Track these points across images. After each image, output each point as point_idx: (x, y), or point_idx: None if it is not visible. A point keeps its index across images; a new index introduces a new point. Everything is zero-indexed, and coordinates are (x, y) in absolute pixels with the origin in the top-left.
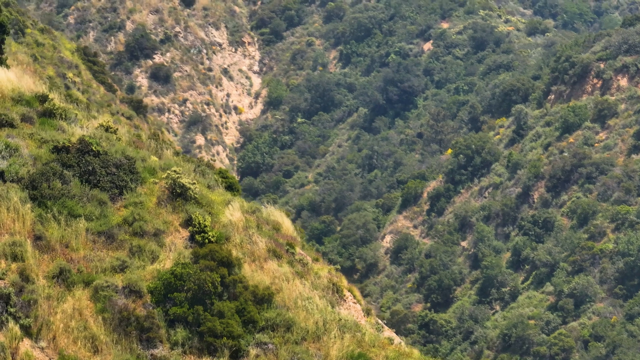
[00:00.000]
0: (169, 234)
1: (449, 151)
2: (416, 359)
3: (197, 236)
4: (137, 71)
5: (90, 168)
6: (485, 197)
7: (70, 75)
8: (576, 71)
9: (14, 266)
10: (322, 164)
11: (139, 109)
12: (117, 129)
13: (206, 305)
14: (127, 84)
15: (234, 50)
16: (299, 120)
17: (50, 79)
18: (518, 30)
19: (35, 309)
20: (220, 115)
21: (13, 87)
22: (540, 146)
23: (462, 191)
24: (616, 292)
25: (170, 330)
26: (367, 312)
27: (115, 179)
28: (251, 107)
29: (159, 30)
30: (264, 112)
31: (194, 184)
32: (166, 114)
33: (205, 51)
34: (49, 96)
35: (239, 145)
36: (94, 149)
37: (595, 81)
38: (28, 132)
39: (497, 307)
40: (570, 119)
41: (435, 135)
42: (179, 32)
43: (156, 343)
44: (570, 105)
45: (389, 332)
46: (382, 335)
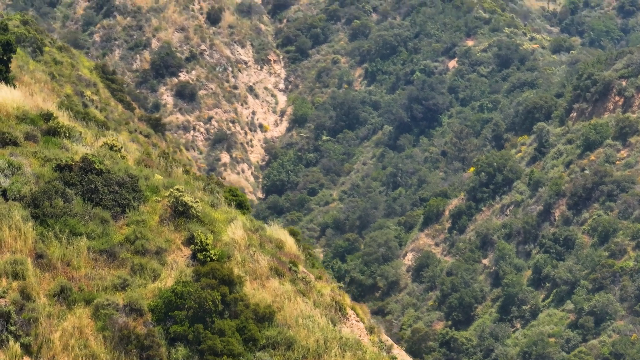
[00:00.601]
0: (170, 252)
1: (472, 169)
2: None
3: (198, 254)
4: (162, 89)
5: (93, 186)
6: (507, 215)
7: (88, 93)
8: (598, 89)
9: (14, 284)
10: (346, 182)
11: (157, 126)
12: (122, 147)
13: (207, 323)
14: (152, 102)
15: (259, 68)
16: (324, 138)
17: (67, 97)
18: (543, 47)
19: (36, 327)
20: (246, 133)
21: (18, 106)
22: (561, 164)
23: (483, 209)
24: (636, 310)
25: (171, 349)
26: (370, 330)
27: (118, 197)
28: (276, 124)
29: (185, 48)
30: (289, 129)
31: (197, 202)
32: (191, 132)
33: (230, 69)
34: (54, 114)
35: (264, 163)
36: (97, 167)
37: (617, 99)
38: (31, 151)
39: (518, 325)
40: (592, 136)
41: (458, 153)
42: (205, 50)
43: None
44: (592, 122)
45: (397, 350)
46: (386, 354)
